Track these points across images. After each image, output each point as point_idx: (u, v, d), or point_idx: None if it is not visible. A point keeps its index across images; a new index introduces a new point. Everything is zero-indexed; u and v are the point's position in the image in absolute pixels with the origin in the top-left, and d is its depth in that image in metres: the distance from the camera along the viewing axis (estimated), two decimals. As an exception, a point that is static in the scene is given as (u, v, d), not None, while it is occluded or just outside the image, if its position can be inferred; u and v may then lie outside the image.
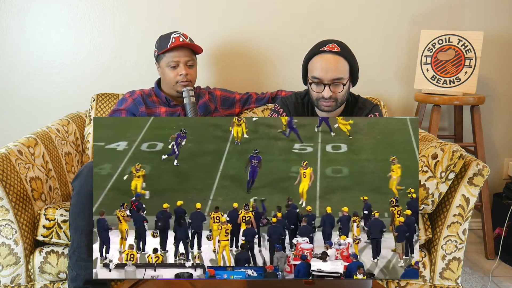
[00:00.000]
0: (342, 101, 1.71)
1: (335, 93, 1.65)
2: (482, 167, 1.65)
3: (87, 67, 2.43)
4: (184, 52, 1.97)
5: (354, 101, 1.83)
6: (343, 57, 1.65)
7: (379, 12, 2.49)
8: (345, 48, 1.68)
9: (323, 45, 1.67)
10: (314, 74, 1.66)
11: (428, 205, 1.65)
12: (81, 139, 2.23)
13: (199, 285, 1.34)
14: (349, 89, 1.74)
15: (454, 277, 1.76)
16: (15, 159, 1.65)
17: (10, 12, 2.34)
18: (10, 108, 2.45)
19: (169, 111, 2.04)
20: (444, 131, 2.68)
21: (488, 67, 2.57)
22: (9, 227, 1.62)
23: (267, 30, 2.45)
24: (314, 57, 1.68)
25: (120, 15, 2.39)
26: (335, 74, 1.63)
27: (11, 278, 1.68)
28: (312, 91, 1.70)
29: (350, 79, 1.71)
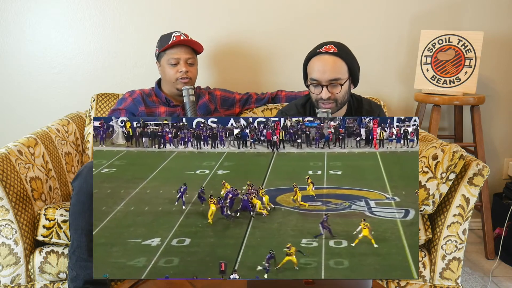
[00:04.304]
0: (343, 102, 1.71)
1: (333, 94, 1.65)
2: (482, 167, 1.65)
3: (87, 67, 2.43)
4: (184, 49, 1.98)
5: (357, 103, 1.83)
6: (340, 58, 1.65)
7: (379, 12, 2.49)
8: (343, 49, 1.68)
9: (321, 47, 1.68)
10: (312, 76, 1.67)
11: (429, 206, 1.65)
12: (81, 139, 2.23)
13: (199, 285, 1.34)
14: (349, 90, 1.73)
15: (454, 277, 1.76)
16: (15, 159, 1.65)
17: (10, 12, 2.34)
18: (10, 108, 2.45)
19: (169, 111, 2.04)
20: (444, 131, 2.68)
21: (488, 67, 2.57)
22: (9, 227, 1.62)
23: (267, 30, 2.45)
24: (312, 58, 1.69)
25: (120, 15, 2.39)
26: (332, 74, 1.63)
27: (11, 278, 1.68)
28: (312, 93, 1.71)
29: (350, 80, 1.71)
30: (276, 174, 1.85)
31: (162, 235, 1.39)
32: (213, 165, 1.96)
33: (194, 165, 1.96)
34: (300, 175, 1.80)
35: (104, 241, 1.34)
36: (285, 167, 1.93)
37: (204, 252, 1.30)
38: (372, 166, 1.90)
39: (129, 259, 1.26)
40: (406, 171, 1.82)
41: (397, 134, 2.06)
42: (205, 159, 2.04)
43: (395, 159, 1.98)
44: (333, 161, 1.98)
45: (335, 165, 1.93)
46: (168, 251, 1.30)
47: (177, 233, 1.40)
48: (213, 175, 1.84)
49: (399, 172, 1.82)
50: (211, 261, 1.25)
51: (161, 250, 1.30)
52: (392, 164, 1.91)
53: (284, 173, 1.85)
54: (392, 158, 1.99)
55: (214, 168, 1.92)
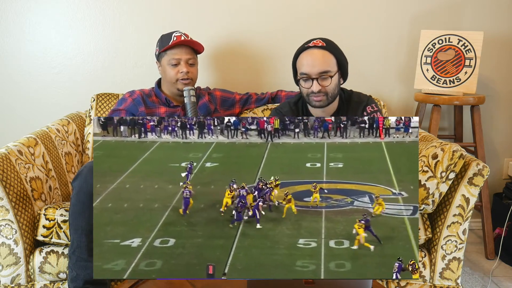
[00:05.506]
0: (333, 95, 1.72)
1: (324, 86, 1.67)
2: (482, 167, 1.65)
3: (87, 67, 2.43)
4: (185, 50, 1.98)
5: (347, 97, 1.84)
6: (328, 51, 1.67)
7: (379, 12, 2.49)
8: (330, 43, 1.71)
9: (309, 42, 1.71)
10: (302, 70, 1.69)
11: (429, 205, 1.65)
12: (81, 139, 2.23)
13: (199, 285, 1.34)
14: (339, 83, 1.75)
15: (454, 277, 1.76)
16: (15, 159, 1.65)
17: (10, 12, 2.34)
18: (10, 108, 2.45)
19: (169, 112, 2.04)
20: (444, 131, 2.68)
21: (488, 67, 2.57)
22: (9, 227, 1.62)
23: (267, 30, 2.45)
24: (300, 54, 1.71)
25: (120, 15, 2.39)
26: (321, 67, 1.65)
27: (11, 278, 1.67)
28: (302, 88, 1.72)
29: (340, 73, 1.73)
30: (270, 167, 1.70)
31: (144, 235, 1.25)
32: (200, 156, 1.80)
33: (179, 156, 1.80)
34: (297, 168, 1.68)
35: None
36: (280, 159, 1.78)
37: (190, 253, 1.17)
38: (377, 158, 1.76)
39: (106, 262, 1.13)
40: (415, 163, 1.67)
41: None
42: (192, 150, 1.88)
43: (402, 150, 1.81)
44: (333, 153, 1.83)
45: (336, 157, 1.80)
46: (150, 253, 1.18)
47: (160, 232, 1.27)
48: (201, 168, 1.68)
49: (407, 165, 1.67)
50: (198, 264, 1.13)
51: (142, 252, 1.19)
52: (399, 156, 1.76)
53: (279, 166, 1.70)
54: (399, 149, 1.82)
55: (201, 160, 1.77)
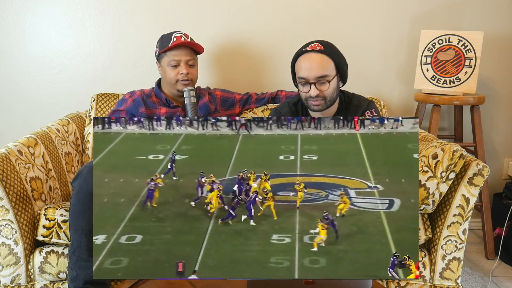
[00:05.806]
0: (332, 99, 1.71)
1: (322, 91, 1.66)
2: (482, 167, 1.65)
3: (87, 67, 2.43)
4: (185, 51, 1.97)
5: (348, 100, 1.83)
6: (326, 55, 1.66)
7: (379, 12, 2.49)
8: (329, 46, 1.69)
9: (307, 46, 1.69)
10: (300, 75, 1.68)
11: (429, 205, 1.65)
12: (81, 139, 2.23)
13: (199, 285, 1.34)
14: (338, 87, 1.74)
15: (454, 277, 1.76)
16: (15, 159, 1.65)
17: (10, 12, 2.34)
18: (10, 108, 2.45)
19: (169, 112, 2.04)
20: (444, 131, 2.68)
21: (488, 67, 2.57)
22: (9, 227, 1.62)
23: (267, 30, 2.45)
24: (298, 58, 1.70)
25: (120, 15, 2.39)
26: (319, 72, 1.64)
27: (11, 278, 1.67)
28: (301, 92, 1.72)
29: (339, 77, 1.72)
30: (242, 160, 1.63)
31: (109, 231, 1.20)
32: (169, 149, 1.73)
33: (145, 148, 1.71)
34: (270, 160, 1.61)
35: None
36: (252, 151, 1.71)
37: (158, 250, 1.12)
38: (352, 150, 1.71)
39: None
40: (391, 155, 1.64)
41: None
42: (159, 141, 1.79)
43: (378, 142, 1.77)
44: (307, 145, 1.77)
45: (310, 149, 1.74)
46: (115, 250, 1.13)
47: (127, 229, 1.22)
48: (169, 161, 1.59)
49: (383, 157, 1.63)
50: (167, 261, 1.08)
51: (107, 249, 1.13)
52: (374, 148, 1.72)
53: (251, 158, 1.64)
54: (375, 140, 1.77)
55: (169, 152, 1.69)
